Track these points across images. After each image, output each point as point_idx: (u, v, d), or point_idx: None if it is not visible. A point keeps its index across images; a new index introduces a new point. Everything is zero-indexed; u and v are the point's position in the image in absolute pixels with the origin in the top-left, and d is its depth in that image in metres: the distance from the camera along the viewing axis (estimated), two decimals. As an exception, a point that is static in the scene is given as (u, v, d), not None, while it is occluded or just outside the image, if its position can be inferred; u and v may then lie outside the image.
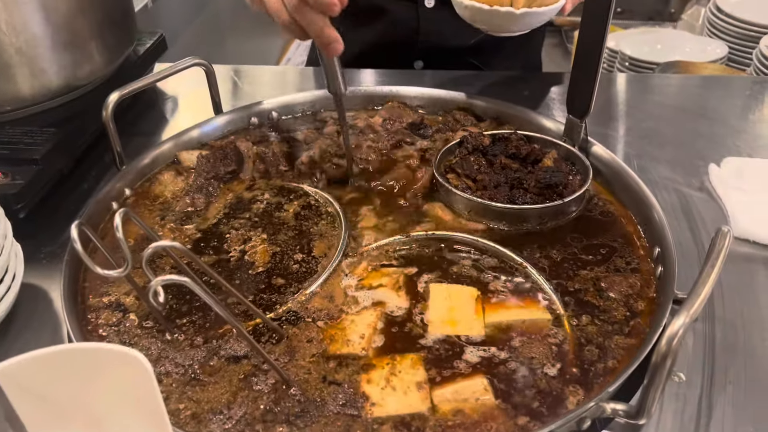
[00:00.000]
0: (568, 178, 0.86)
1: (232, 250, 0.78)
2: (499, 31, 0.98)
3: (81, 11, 0.91)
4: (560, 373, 0.63)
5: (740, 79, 1.23)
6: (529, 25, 0.95)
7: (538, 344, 0.65)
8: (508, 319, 0.69)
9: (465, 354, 0.64)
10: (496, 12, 0.92)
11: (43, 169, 0.84)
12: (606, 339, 0.66)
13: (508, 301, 0.71)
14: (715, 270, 0.57)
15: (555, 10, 0.94)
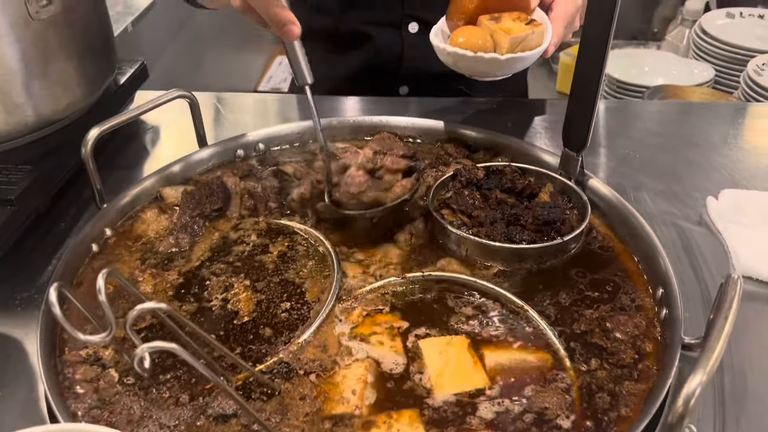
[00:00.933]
0: (565, 214, 0.84)
1: (214, 298, 0.74)
2: (482, 76, 0.96)
3: (59, 43, 0.87)
4: (574, 426, 0.60)
5: (731, 105, 1.23)
6: (514, 70, 0.94)
7: (550, 393, 0.62)
8: (509, 359, 0.66)
9: (468, 410, 0.61)
10: (481, 58, 0.90)
11: (19, 209, 0.80)
12: (617, 385, 0.64)
13: (509, 345, 0.68)
14: (728, 323, 0.55)
15: (538, 54, 0.92)
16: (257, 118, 1.21)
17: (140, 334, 0.69)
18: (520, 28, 0.92)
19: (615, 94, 1.83)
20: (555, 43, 0.93)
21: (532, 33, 0.92)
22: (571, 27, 0.98)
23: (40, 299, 0.77)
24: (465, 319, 0.71)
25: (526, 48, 0.91)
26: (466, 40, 0.92)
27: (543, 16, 0.96)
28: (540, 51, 0.92)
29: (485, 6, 0.95)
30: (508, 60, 0.90)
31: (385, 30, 1.25)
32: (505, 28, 0.92)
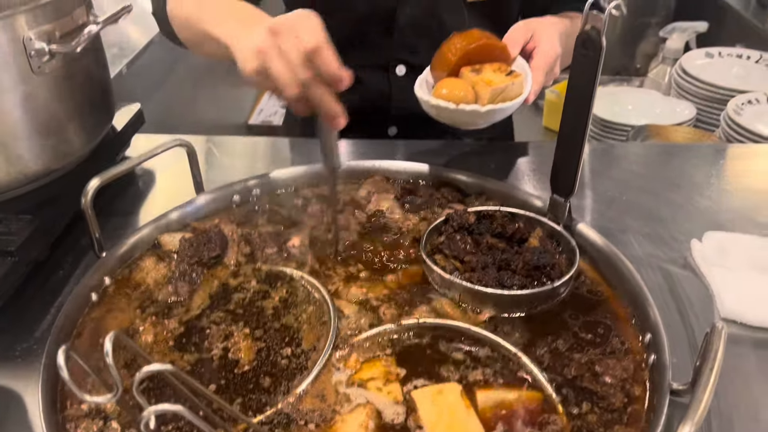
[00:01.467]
0: (555, 259, 0.86)
1: (214, 347, 0.75)
2: (464, 126, 0.99)
3: (60, 96, 0.90)
4: None
5: (712, 146, 1.27)
6: (495, 120, 0.97)
7: None
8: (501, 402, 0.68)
9: (464, 459, 0.63)
10: (462, 110, 0.93)
11: (19, 260, 0.81)
12: (607, 429, 0.66)
13: (501, 389, 0.70)
14: (714, 374, 0.57)
15: (518, 104, 0.96)
16: (250, 160, 1.24)
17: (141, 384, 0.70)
18: (500, 79, 0.96)
19: (600, 132, 1.88)
20: (535, 92, 0.97)
21: (512, 84, 0.95)
22: (552, 74, 1.02)
23: (39, 350, 0.78)
24: (458, 365, 0.73)
25: (507, 98, 0.95)
26: (449, 92, 0.95)
27: (523, 65, 1.00)
28: (519, 101, 0.96)
29: (467, 58, 0.98)
30: (488, 111, 0.94)
31: (374, 72, 1.28)
32: (486, 80, 0.96)
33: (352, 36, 1.26)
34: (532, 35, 1.01)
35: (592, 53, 0.79)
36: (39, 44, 0.83)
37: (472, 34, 0.99)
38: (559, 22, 1.09)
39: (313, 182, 1.05)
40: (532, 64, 0.99)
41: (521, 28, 1.03)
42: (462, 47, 0.98)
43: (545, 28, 1.02)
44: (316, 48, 0.77)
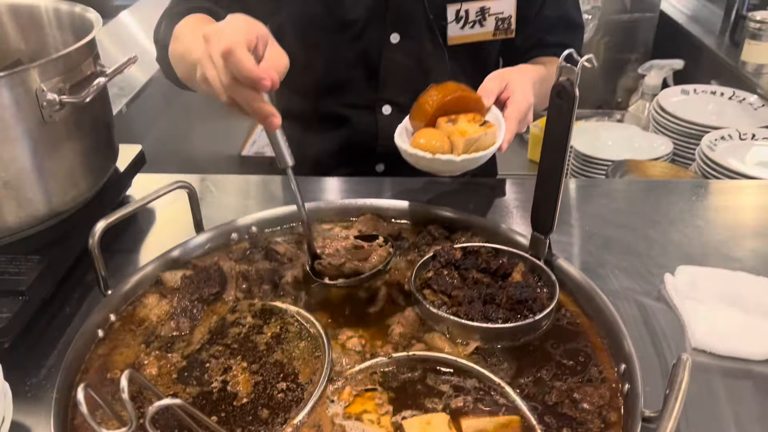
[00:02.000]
0: (536, 293, 0.92)
1: (215, 380, 0.79)
2: (441, 174, 1.06)
3: (68, 141, 0.95)
4: None
5: (687, 182, 1.33)
6: (469, 168, 1.03)
7: None
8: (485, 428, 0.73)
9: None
10: (438, 160, 0.99)
11: (29, 299, 0.86)
12: (585, 454, 0.70)
13: (485, 416, 0.75)
14: (678, 403, 0.62)
15: (491, 153, 1.02)
16: (245, 198, 1.29)
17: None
18: (474, 129, 1.02)
19: (581, 167, 1.95)
20: (508, 140, 1.02)
21: (485, 134, 1.02)
22: (525, 122, 1.08)
23: (48, 385, 0.82)
24: (446, 395, 0.78)
25: (481, 147, 1.01)
26: (426, 142, 1.02)
27: (497, 115, 1.06)
28: (492, 150, 1.02)
29: (443, 109, 1.05)
30: (462, 161, 1.00)
31: (361, 112, 1.35)
32: (461, 130, 1.02)
33: (340, 77, 1.33)
34: (506, 85, 1.07)
35: (566, 103, 0.85)
36: (51, 95, 0.89)
37: (448, 86, 1.06)
38: (533, 69, 1.16)
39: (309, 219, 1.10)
40: (506, 113, 1.05)
41: (495, 79, 1.08)
42: (438, 99, 1.04)
43: (518, 78, 1.08)
44: (226, 51, 0.76)
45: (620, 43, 2.70)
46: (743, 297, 0.94)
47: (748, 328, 0.89)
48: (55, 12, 1.08)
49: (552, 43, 1.34)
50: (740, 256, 1.07)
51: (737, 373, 0.85)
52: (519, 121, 1.04)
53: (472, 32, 1.26)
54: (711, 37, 2.44)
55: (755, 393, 0.82)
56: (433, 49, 1.28)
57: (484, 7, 1.24)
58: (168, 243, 1.01)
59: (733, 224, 1.17)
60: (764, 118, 1.95)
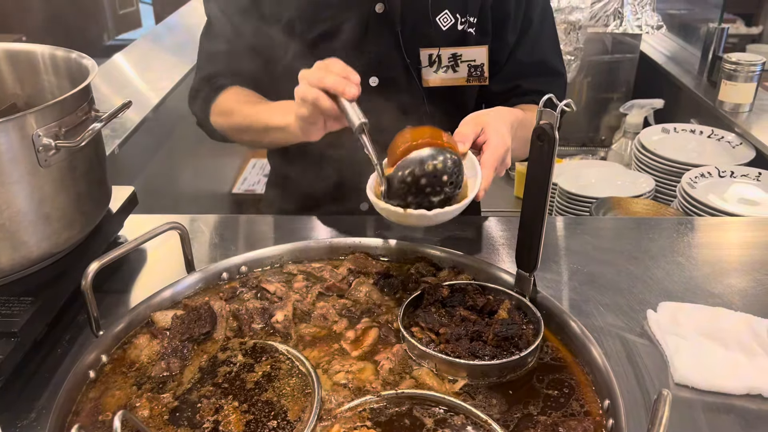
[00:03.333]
0: (522, 329, 0.94)
1: (206, 420, 0.80)
2: (414, 227, 1.07)
3: (63, 186, 0.97)
4: None
5: (668, 220, 1.36)
6: (443, 221, 0.98)
7: None
8: None
9: None
10: (411, 215, 0.95)
11: (21, 341, 0.86)
12: (570, 488, 0.72)
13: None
14: (659, 437, 0.63)
15: (466, 205, 0.97)
16: (235, 238, 1.30)
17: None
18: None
19: (566, 205, 1.99)
20: (485, 188, 0.99)
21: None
22: (503, 166, 1.05)
23: (39, 426, 0.83)
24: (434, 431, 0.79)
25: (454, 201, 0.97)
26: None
27: (473, 162, 1.01)
28: (466, 202, 0.97)
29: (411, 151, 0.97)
30: (436, 214, 0.95)
31: (345, 150, 1.38)
32: None
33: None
34: (482, 129, 1.04)
35: (546, 145, 0.89)
36: (46, 140, 0.91)
37: (422, 130, 0.99)
38: (510, 112, 1.14)
39: (297, 258, 1.13)
40: (482, 159, 1.01)
41: (470, 123, 1.05)
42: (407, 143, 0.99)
43: (494, 122, 1.05)
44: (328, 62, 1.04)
45: (602, 82, 2.77)
46: (723, 332, 0.97)
47: (729, 363, 0.91)
48: (51, 58, 1.11)
49: (528, 90, 1.36)
50: (720, 291, 1.10)
51: (719, 408, 0.86)
52: (496, 167, 1.02)
53: (446, 76, 1.30)
54: (689, 77, 2.51)
55: (736, 426, 0.84)
56: (410, 91, 1.32)
57: (456, 53, 1.28)
58: (159, 283, 1.02)
59: (713, 260, 1.20)
60: (742, 156, 2.00)
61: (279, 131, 1.21)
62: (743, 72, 2.06)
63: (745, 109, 2.13)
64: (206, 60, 1.41)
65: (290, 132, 1.16)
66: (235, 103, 1.33)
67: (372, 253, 1.15)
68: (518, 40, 1.35)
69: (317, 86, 1.02)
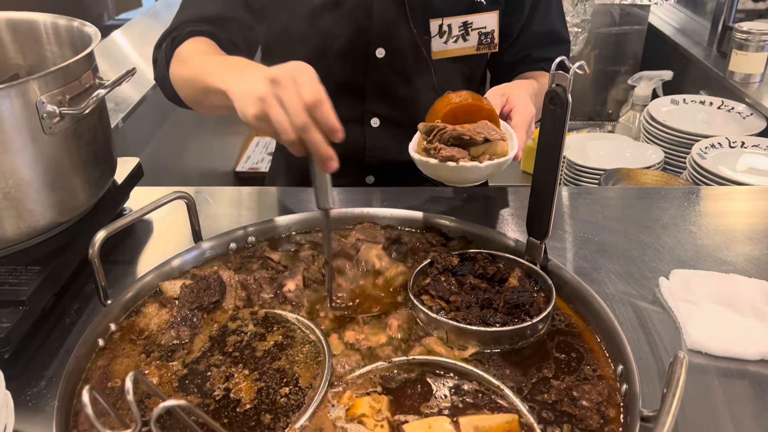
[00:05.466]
0: (533, 297, 0.93)
1: (217, 388, 0.80)
2: (461, 183, 1.04)
3: (69, 154, 0.96)
4: None
5: (680, 190, 1.35)
6: (489, 176, 1.03)
7: None
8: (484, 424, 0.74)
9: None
10: (463, 167, 0.97)
11: (29, 309, 0.86)
12: (587, 448, 0.71)
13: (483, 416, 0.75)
14: (675, 400, 0.63)
15: (510, 159, 1.02)
16: (241, 209, 1.30)
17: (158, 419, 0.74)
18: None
19: (574, 176, 1.97)
20: (521, 147, 1.04)
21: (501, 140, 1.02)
22: (530, 132, 1.10)
23: (49, 394, 0.83)
24: (445, 398, 0.78)
25: (495, 156, 1.01)
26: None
27: (506, 126, 1.07)
28: (511, 157, 1.02)
29: (453, 113, 1.04)
30: (487, 166, 0.98)
31: (350, 125, 1.36)
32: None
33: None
34: (507, 99, 1.09)
35: (559, 109, 0.87)
36: (50, 107, 0.90)
37: (463, 94, 1.05)
38: (527, 85, 1.19)
39: (304, 228, 1.12)
40: (513, 123, 1.07)
41: (496, 94, 1.11)
42: (451, 104, 1.04)
43: (518, 92, 1.11)
44: (316, 101, 0.84)
45: (610, 55, 2.74)
46: (736, 298, 0.96)
47: (742, 329, 0.91)
48: (53, 27, 1.10)
49: (538, 58, 1.37)
50: (732, 259, 1.09)
51: (733, 373, 0.86)
52: (526, 129, 1.06)
53: (456, 47, 1.28)
54: (699, 49, 2.48)
55: (751, 392, 0.83)
56: (417, 62, 1.30)
57: (467, 21, 1.26)
58: (165, 254, 1.02)
59: (724, 229, 1.19)
60: (752, 127, 1.98)
61: (216, 95, 0.99)
62: (754, 41, 2.02)
63: (755, 79, 2.10)
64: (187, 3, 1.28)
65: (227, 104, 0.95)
66: (195, 51, 1.15)
67: (380, 223, 1.14)
68: (531, 11, 1.34)
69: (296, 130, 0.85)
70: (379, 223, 1.14)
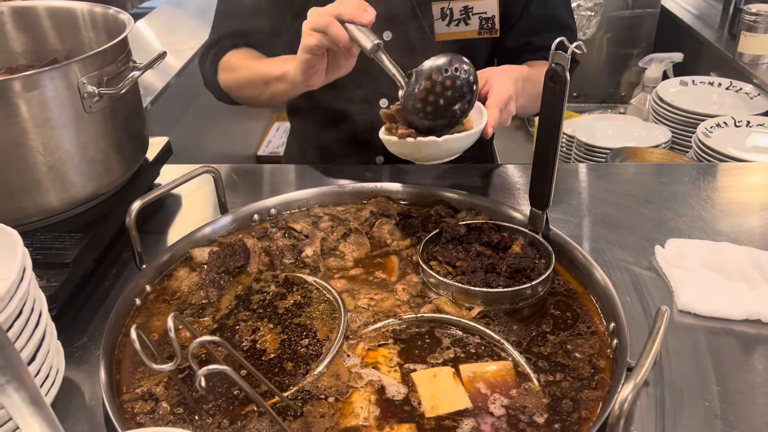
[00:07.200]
0: (534, 263, 1.00)
1: (245, 339, 0.89)
2: (426, 159, 1.06)
3: (106, 131, 1.04)
4: (546, 423, 0.75)
5: (681, 166, 1.40)
6: (453, 152, 1.04)
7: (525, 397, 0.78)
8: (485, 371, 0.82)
9: (455, 422, 0.76)
10: (421, 142, 1.01)
11: (73, 271, 0.95)
12: (578, 393, 0.79)
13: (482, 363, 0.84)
14: (655, 345, 0.70)
15: (475, 133, 1.03)
16: (263, 185, 1.38)
17: (184, 372, 0.83)
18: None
19: (583, 155, 2.03)
20: (492, 125, 1.06)
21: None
22: (507, 112, 1.12)
23: (92, 346, 0.92)
24: (450, 350, 0.86)
25: (462, 131, 1.04)
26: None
27: (479, 106, 1.08)
28: (475, 132, 1.03)
29: None
30: (445, 141, 1.01)
31: (359, 106, 1.44)
32: None
33: None
34: (486, 81, 1.12)
35: (558, 86, 0.93)
36: (90, 88, 0.98)
37: None
38: (515, 69, 1.22)
39: (322, 202, 1.20)
40: (487, 103, 1.09)
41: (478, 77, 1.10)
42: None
43: (497, 75, 1.13)
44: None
45: (623, 38, 2.77)
46: (726, 264, 1.02)
47: (730, 291, 0.97)
48: (90, 14, 1.18)
49: (540, 46, 1.39)
50: (726, 230, 1.15)
51: (719, 332, 0.92)
52: (500, 108, 1.08)
53: (458, 30, 1.33)
54: (710, 31, 2.50)
55: (735, 348, 0.89)
56: (423, 45, 1.36)
57: (468, 6, 1.31)
58: (193, 225, 1.10)
59: (721, 202, 1.24)
60: (760, 106, 2.01)
61: (278, 81, 1.25)
62: (763, 23, 2.05)
63: (764, 60, 2.13)
64: (221, 20, 1.47)
65: (289, 80, 1.20)
66: (241, 59, 1.40)
67: (393, 197, 1.21)
68: None
69: (330, 14, 1.04)
70: (392, 197, 1.21)
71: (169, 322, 0.61)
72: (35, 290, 0.76)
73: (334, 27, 1.04)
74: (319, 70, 1.13)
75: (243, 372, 0.81)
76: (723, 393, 0.82)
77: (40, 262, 0.94)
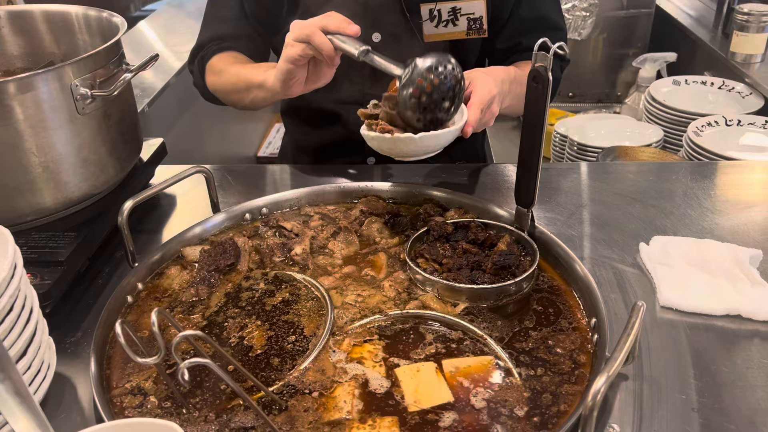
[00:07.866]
0: (519, 260, 1.02)
1: (233, 336, 0.90)
2: (406, 156, 1.08)
3: (99, 133, 1.06)
4: (526, 416, 0.77)
5: (669, 164, 1.41)
6: (431, 148, 1.07)
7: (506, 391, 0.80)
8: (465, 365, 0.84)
9: (437, 416, 0.77)
10: (398, 138, 1.04)
11: (67, 269, 0.97)
12: (557, 387, 0.81)
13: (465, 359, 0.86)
14: (629, 338, 0.71)
15: (451, 133, 1.05)
16: (255, 185, 1.40)
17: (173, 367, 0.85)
18: None
19: (576, 154, 2.04)
20: (472, 124, 1.08)
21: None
22: (489, 112, 1.14)
23: (85, 342, 0.94)
24: (433, 345, 0.88)
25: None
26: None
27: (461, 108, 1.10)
28: (453, 130, 1.05)
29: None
30: (421, 138, 1.03)
31: (350, 107, 1.45)
32: None
33: None
34: (469, 83, 1.13)
35: (541, 86, 0.95)
36: (83, 90, 1.00)
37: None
38: (502, 70, 1.25)
39: (313, 201, 1.22)
40: (469, 103, 1.11)
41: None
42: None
43: (481, 76, 1.15)
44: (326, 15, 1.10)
45: (618, 38, 2.78)
46: (708, 260, 1.04)
47: (711, 287, 0.98)
48: (84, 17, 1.20)
49: (529, 46, 1.38)
50: (711, 227, 1.16)
51: (700, 327, 0.94)
52: (482, 108, 1.10)
53: (447, 31, 1.35)
54: (704, 31, 2.51)
55: (714, 342, 0.91)
56: (412, 46, 1.37)
57: (456, 7, 1.32)
58: (186, 225, 1.12)
59: (706, 200, 1.26)
60: (751, 105, 2.03)
61: (258, 88, 1.28)
62: (755, 22, 2.07)
63: (756, 59, 2.14)
64: (209, 22, 1.49)
65: (267, 89, 1.23)
66: (226, 64, 1.41)
67: (383, 196, 1.23)
68: None
69: (315, 26, 1.07)
70: (382, 196, 1.23)
71: (153, 316, 0.63)
72: (26, 287, 0.78)
73: (317, 36, 1.07)
74: (299, 80, 1.16)
75: (230, 368, 0.84)
76: (701, 387, 0.84)
77: (35, 261, 0.97)
